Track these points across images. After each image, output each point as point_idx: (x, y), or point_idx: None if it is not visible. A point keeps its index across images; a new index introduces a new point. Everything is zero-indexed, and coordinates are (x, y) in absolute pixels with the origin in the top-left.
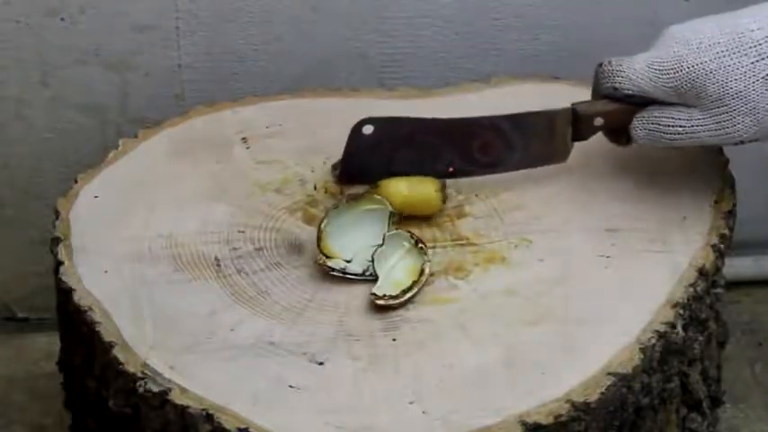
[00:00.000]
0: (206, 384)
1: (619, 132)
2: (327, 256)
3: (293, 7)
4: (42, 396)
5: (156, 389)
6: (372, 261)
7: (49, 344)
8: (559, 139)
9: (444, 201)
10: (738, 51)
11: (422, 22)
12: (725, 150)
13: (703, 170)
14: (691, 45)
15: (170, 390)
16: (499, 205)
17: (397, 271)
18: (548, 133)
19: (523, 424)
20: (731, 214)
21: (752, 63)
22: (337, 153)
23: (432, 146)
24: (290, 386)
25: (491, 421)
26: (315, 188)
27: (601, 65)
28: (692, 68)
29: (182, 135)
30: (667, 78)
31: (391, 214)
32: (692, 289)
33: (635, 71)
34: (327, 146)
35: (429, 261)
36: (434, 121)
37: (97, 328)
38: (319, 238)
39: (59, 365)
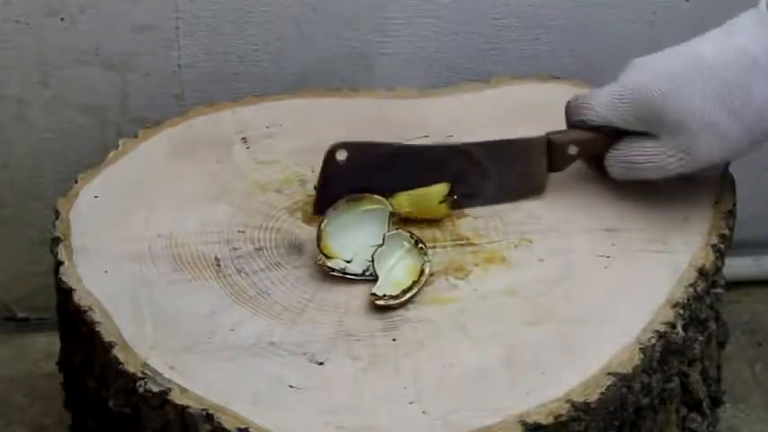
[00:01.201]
0: (206, 384)
1: (598, 162)
2: (327, 257)
3: (293, 7)
4: (42, 396)
5: (156, 389)
6: (372, 261)
7: (49, 344)
8: (535, 170)
9: (452, 207)
10: (692, 73)
11: (422, 22)
12: None
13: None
14: (649, 73)
15: (170, 390)
16: (499, 205)
17: (396, 271)
18: (523, 162)
19: (523, 424)
20: (731, 214)
21: (704, 83)
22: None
23: (407, 175)
24: (290, 386)
25: (491, 421)
26: (315, 188)
27: (569, 101)
28: (648, 95)
29: (182, 135)
30: (627, 107)
31: (391, 214)
32: (692, 289)
33: (600, 103)
34: (327, 146)
35: (429, 261)
36: (409, 147)
37: (97, 328)
38: (319, 238)
39: (59, 365)
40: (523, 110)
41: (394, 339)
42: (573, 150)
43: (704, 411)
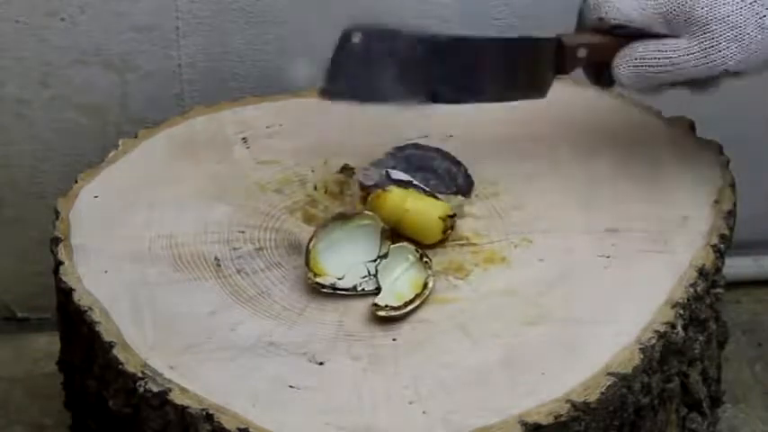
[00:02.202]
0: (206, 384)
1: (601, 70)
2: (317, 274)
3: (293, 7)
4: (42, 396)
5: (156, 389)
6: (376, 273)
7: (49, 344)
8: (542, 70)
9: (447, 230)
10: None
11: (422, 23)
12: (725, 150)
13: (703, 170)
14: None
15: (170, 390)
16: (499, 205)
17: (400, 283)
18: (531, 61)
19: (523, 424)
20: (731, 214)
21: None
22: (338, 153)
23: (417, 63)
24: (290, 386)
25: (491, 421)
26: (315, 188)
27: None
28: None
29: (182, 135)
30: (655, 4)
31: (383, 230)
32: (692, 289)
33: (622, 0)
34: (327, 146)
35: (433, 275)
36: (423, 36)
37: (97, 328)
38: (308, 257)
39: (59, 365)
40: (523, 110)
41: (394, 339)
42: (582, 53)
43: (704, 411)
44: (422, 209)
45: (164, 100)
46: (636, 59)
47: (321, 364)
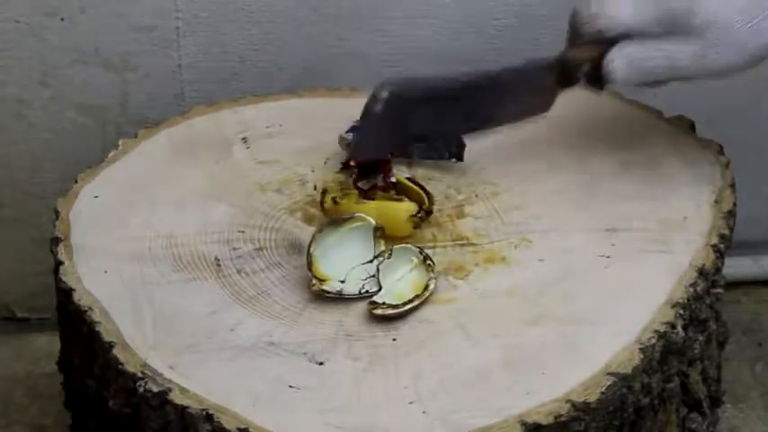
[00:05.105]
0: (206, 384)
1: (599, 76)
2: (321, 280)
3: (293, 7)
4: (42, 396)
5: (156, 389)
6: (377, 273)
7: (49, 344)
8: (547, 90)
9: (416, 227)
10: None
11: (422, 22)
12: (725, 150)
13: (703, 170)
14: None
15: (170, 390)
16: (499, 205)
17: (402, 284)
18: (537, 84)
19: (523, 424)
20: (731, 214)
21: None
22: (338, 153)
23: (443, 109)
24: (290, 386)
25: (491, 421)
26: (315, 188)
27: (576, 12)
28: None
29: (182, 135)
30: (653, 9)
31: (375, 229)
32: (692, 289)
33: (618, 8)
34: (327, 146)
35: (435, 278)
36: (446, 82)
37: (97, 328)
38: (310, 263)
39: (59, 365)
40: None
41: (394, 339)
42: (586, 67)
43: (704, 411)
44: (393, 205)
45: (164, 100)
46: (632, 53)
47: (321, 364)
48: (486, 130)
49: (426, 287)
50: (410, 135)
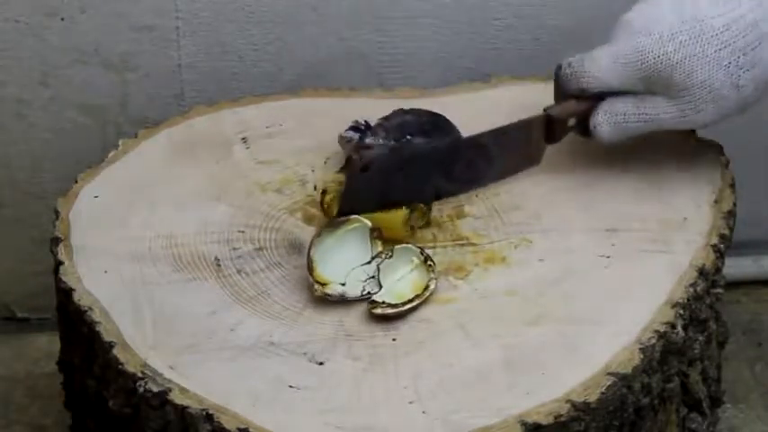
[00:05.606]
0: (206, 384)
1: (585, 127)
2: (322, 284)
3: (293, 7)
4: (42, 396)
5: (156, 389)
6: (377, 273)
7: (49, 344)
8: (534, 145)
9: (412, 229)
10: (701, 40)
11: (422, 22)
12: (725, 150)
13: (703, 170)
14: (652, 35)
15: (170, 390)
16: (499, 205)
17: (402, 284)
18: (524, 141)
19: (523, 424)
20: (731, 214)
21: (715, 52)
22: (338, 153)
23: (420, 174)
24: (290, 386)
25: (491, 421)
26: (315, 188)
27: (560, 67)
28: (657, 60)
29: (182, 135)
30: (633, 71)
31: (371, 230)
32: (692, 289)
33: (600, 69)
34: (327, 146)
35: (435, 278)
36: (423, 149)
37: (97, 328)
38: (310, 268)
39: (59, 365)
40: (523, 110)
41: (394, 339)
42: (571, 122)
43: (704, 411)
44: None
45: (164, 100)
46: (615, 116)
47: (321, 364)
48: (470, 190)
49: (426, 287)
50: (389, 201)
